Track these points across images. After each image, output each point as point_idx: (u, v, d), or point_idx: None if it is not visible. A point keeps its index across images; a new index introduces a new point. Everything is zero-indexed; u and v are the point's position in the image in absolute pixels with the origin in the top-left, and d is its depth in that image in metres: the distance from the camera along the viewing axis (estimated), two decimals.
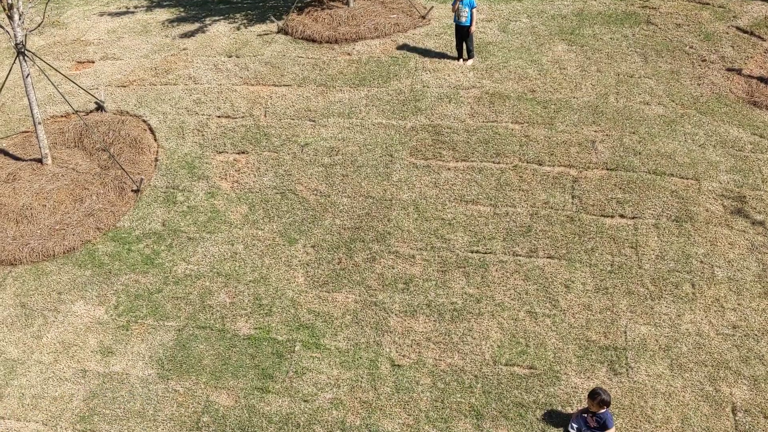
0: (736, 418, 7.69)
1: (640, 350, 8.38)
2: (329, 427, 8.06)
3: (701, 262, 9.25)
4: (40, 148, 11.90)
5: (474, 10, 12.55)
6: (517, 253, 9.65)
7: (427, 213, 10.36)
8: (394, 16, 14.53)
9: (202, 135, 12.32)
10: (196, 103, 13.02)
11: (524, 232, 9.89)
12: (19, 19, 10.96)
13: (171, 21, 16.21)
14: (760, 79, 12.03)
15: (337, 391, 8.40)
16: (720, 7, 14.08)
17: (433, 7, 15.00)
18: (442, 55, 13.38)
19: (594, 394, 7.26)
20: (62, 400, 8.68)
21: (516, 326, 8.81)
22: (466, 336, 8.76)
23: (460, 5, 12.46)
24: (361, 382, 8.46)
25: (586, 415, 7.40)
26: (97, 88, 13.62)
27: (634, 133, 11.15)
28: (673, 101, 11.75)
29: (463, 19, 12.52)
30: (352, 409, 8.21)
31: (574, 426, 7.46)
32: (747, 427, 7.59)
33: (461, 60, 13.05)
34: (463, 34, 12.77)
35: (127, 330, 9.40)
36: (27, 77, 11.29)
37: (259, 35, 14.89)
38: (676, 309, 8.77)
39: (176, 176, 11.62)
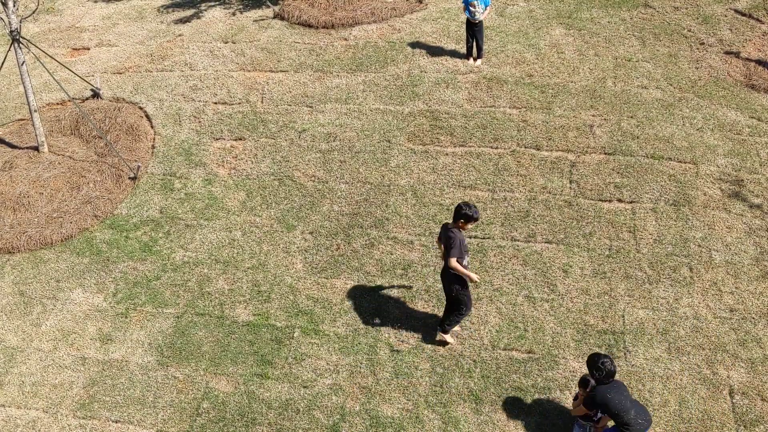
0: (734, 400, 7.73)
1: (637, 334, 8.41)
2: (329, 412, 8.09)
3: (699, 245, 9.26)
4: (36, 135, 11.86)
5: (489, 8, 12.22)
6: (515, 238, 9.66)
7: (425, 198, 10.35)
8: (391, 0, 14.44)
9: (199, 122, 12.27)
10: (192, 90, 12.96)
11: (522, 217, 9.90)
12: (14, 5, 10.88)
13: (166, 7, 16.11)
14: (758, 62, 11.99)
15: (336, 376, 8.43)
16: None
17: None
18: (439, 40, 13.31)
19: (587, 382, 7.20)
20: (62, 387, 8.70)
21: (514, 311, 8.83)
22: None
23: (477, 3, 12.06)
24: (361, 367, 8.49)
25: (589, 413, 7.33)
26: (92, 75, 13.55)
27: (632, 117, 11.12)
28: (671, 85, 11.71)
29: (478, 15, 12.13)
30: (351, 394, 8.24)
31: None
32: (744, 409, 7.64)
33: (471, 59, 12.64)
34: (475, 30, 12.34)
35: (126, 317, 9.41)
36: (22, 65, 11.23)
37: (255, 21, 14.80)
38: (673, 293, 8.79)
39: (173, 163, 11.59)
